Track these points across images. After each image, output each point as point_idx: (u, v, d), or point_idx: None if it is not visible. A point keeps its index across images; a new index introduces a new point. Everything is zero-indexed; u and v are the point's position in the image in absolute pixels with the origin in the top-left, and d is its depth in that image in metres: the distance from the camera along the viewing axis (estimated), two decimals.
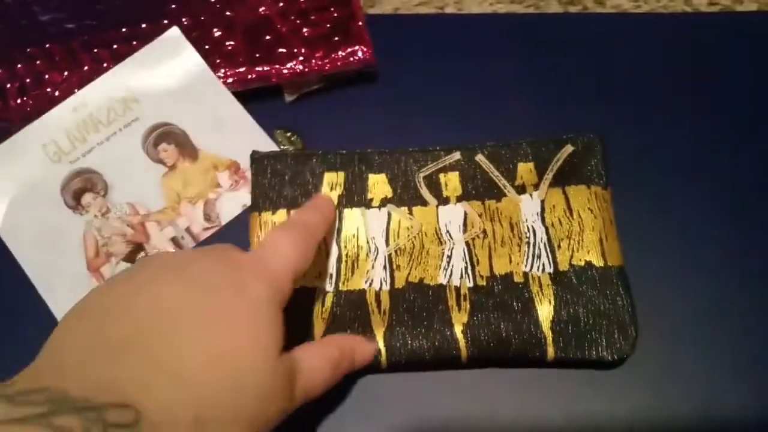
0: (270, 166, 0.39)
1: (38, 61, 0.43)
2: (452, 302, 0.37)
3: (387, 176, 0.39)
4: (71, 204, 0.41)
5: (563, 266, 0.37)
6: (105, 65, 0.43)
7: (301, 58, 0.43)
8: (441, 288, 0.37)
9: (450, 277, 0.37)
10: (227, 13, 0.44)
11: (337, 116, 0.44)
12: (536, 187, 0.39)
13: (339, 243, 0.38)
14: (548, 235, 0.38)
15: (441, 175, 0.39)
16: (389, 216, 0.39)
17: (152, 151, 0.42)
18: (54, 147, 0.42)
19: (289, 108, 0.44)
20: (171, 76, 0.43)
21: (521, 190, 0.39)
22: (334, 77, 0.44)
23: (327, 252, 0.38)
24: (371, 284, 0.37)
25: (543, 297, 0.36)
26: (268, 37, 0.43)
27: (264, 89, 0.43)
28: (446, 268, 0.37)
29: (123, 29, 0.44)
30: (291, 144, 0.42)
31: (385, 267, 0.38)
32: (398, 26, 0.46)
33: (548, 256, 0.37)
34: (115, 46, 0.43)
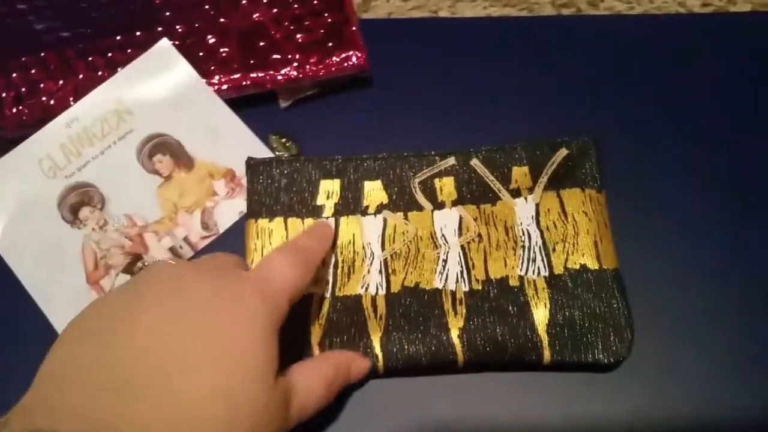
0: (266, 173, 0.40)
1: (33, 70, 0.43)
2: (448, 306, 0.37)
3: (383, 182, 0.39)
4: (69, 218, 0.41)
5: (558, 269, 0.37)
6: (100, 73, 0.43)
7: (296, 64, 0.43)
8: (437, 292, 0.37)
9: (446, 282, 0.37)
10: (221, 20, 0.44)
11: (332, 121, 0.44)
12: (531, 191, 0.39)
13: (335, 250, 0.38)
14: (543, 239, 0.38)
15: (436, 180, 0.39)
16: (385, 222, 0.39)
17: (147, 163, 0.42)
18: (49, 162, 0.42)
19: (284, 114, 0.44)
20: (163, 87, 0.43)
21: (516, 194, 0.39)
22: (329, 83, 0.44)
23: (323, 259, 0.38)
24: (367, 289, 0.38)
25: (538, 300, 0.36)
26: (263, 44, 0.43)
27: (259, 95, 0.43)
28: (442, 273, 0.38)
29: (117, 37, 0.44)
30: (286, 149, 0.42)
31: (381, 272, 0.38)
32: (392, 31, 0.46)
33: (543, 260, 0.37)
34: (110, 54, 0.43)
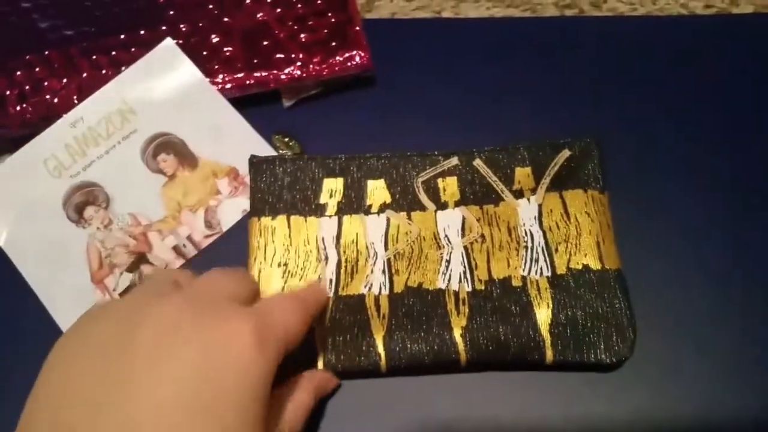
0: (269, 171, 0.40)
1: (37, 68, 0.43)
2: (451, 306, 0.37)
3: (386, 181, 0.40)
4: (74, 218, 0.41)
5: (561, 270, 0.37)
6: (104, 72, 0.43)
7: (299, 64, 0.43)
8: (440, 292, 0.37)
9: (449, 282, 0.37)
10: (225, 19, 0.44)
11: (335, 121, 0.44)
12: (533, 192, 0.39)
13: (338, 249, 0.38)
14: (546, 239, 0.38)
15: (439, 180, 0.40)
16: (388, 221, 0.39)
17: (151, 162, 0.42)
18: (54, 162, 0.42)
19: (288, 113, 0.44)
20: (167, 87, 0.43)
21: (519, 195, 0.39)
22: (332, 82, 0.44)
23: (326, 258, 0.38)
24: (370, 289, 0.38)
25: (541, 300, 0.36)
26: (266, 43, 0.43)
27: (262, 95, 0.43)
28: (445, 273, 0.38)
29: (121, 36, 0.44)
30: (289, 149, 0.42)
31: (384, 272, 0.38)
32: (395, 31, 0.46)
33: (546, 260, 0.37)
34: (114, 53, 0.44)
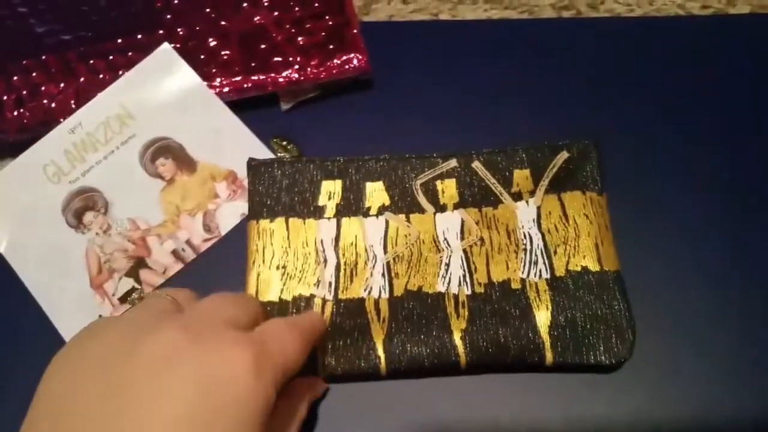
0: (267, 173, 0.40)
1: (34, 73, 0.43)
2: (451, 309, 0.37)
3: (384, 184, 0.40)
4: (73, 223, 0.41)
5: (560, 272, 0.37)
6: (101, 76, 0.43)
7: (297, 67, 0.43)
8: (439, 296, 0.37)
9: (448, 285, 0.37)
10: (222, 23, 0.44)
11: (333, 124, 0.44)
12: (532, 194, 0.39)
13: (337, 251, 0.38)
14: (545, 242, 0.38)
15: (438, 182, 0.40)
16: (387, 224, 0.39)
17: (150, 167, 0.42)
18: (54, 168, 0.42)
19: (285, 116, 0.44)
20: (165, 91, 0.43)
21: (517, 197, 0.39)
22: (330, 85, 0.44)
23: (325, 260, 0.38)
24: (370, 292, 0.38)
25: (540, 303, 0.36)
26: (264, 46, 0.43)
27: (260, 98, 0.43)
28: (444, 276, 0.38)
29: (119, 40, 0.44)
30: (287, 152, 0.42)
31: (384, 275, 0.38)
32: (393, 33, 0.46)
33: (545, 263, 0.37)
34: (111, 57, 0.44)
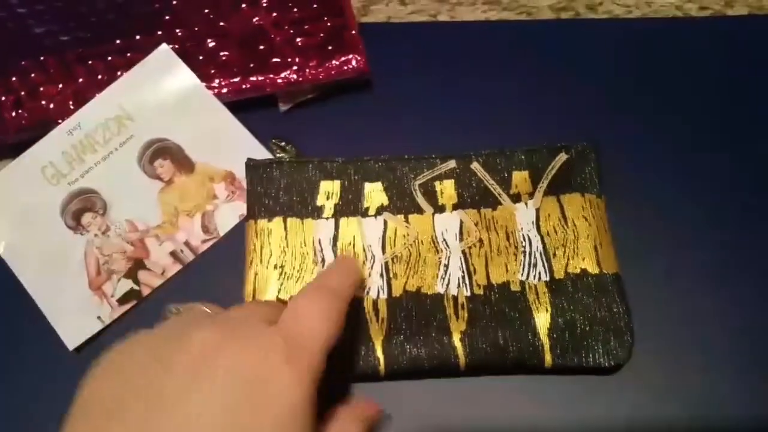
0: (265, 174, 0.40)
1: (33, 74, 0.43)
2: (450, 311, 0.37)
3: (383, 184, 0.40)
4: (72, 225, 0.41)
5: (559, 274, 0.37)
6: (100, 77, 0.43)
7: (295, 68, 0.43)
8: (438, 297, 0.37)
9: (447, 286, 0.37)
10: (221, 24, 0.44)
11: (332, 125, 0.44)
12: (531, 196, 0.39)
13: (335, 251, 0.38)
14: (544, 244, 0.38)
15: (436, 183, 0.40)
16: (385, 224, 0.39)
17: (148, 168, 0.42)
18: (52, 170, 0.42)
19: (284, 117, 0.44)
20: (163, 92, 0.43)
21: (516, 199, 0.39)
22: (329, 86, 0.44)
23: (323, 260, 0.38)
24: (368, 293, 0.38)
25: (540, 305, 0.36)
26: (262, 47, 0.43)
27: (258, 99, 0.43)
28: (443, 277, 0.38)
29: (117, 41, 0.44)
30: (286, 153, 0.42)
31: (382, 275, 0.38)
32: (391, 35, 0.46)
33: (544, 265, 0.37)
34: (110, 58, 0.43)
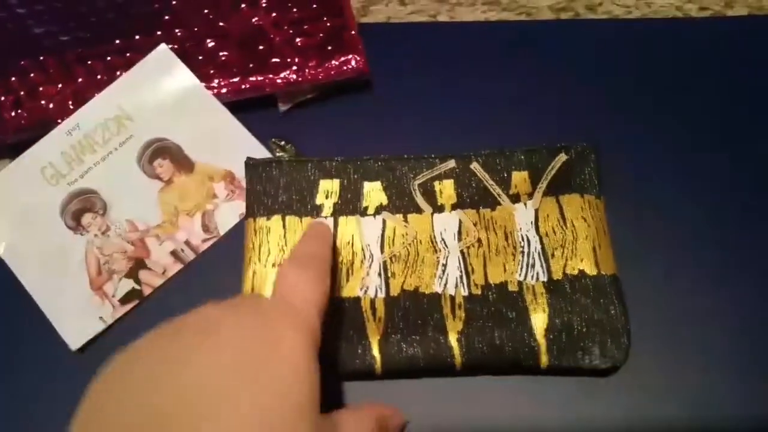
0: (265, 173, 0.40)
1: (32, 74, 0.43)
2: (447, 311, 0.37)
3: (382, 184, 0.40)
4: (71, 225, 0.41)
5: (557, 275, 0.37)
6: (99, 77, 0.43)
7: (295, 68, 0.43)
8: (436, 296, 0.37)
9: (445, 286, 0.38)
10: (220, 24, 0.44)
11: (331, 125, 0.44)
12: (530, 196, 0.39)
13: (334, 250, 0.38)
14: (542, 244, 0.38)
15: (436, 183, 0.40)
16: (384, 224, 0.39)
17: (148, 168, 0.42)
18: (52, 170, 0.42)
19: (283, 118, 0.44)
20: (162, 92, 0.43)
21: (515, 199, 0.39)
22: (328, 86, 0.44)
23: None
24: (366, 292, 0.38)
25: (537, 306, 0.37)
26: (262, 47, 0.43)
27: (258, 99, 0.43)
28: (441, 277, 0.38)
29: (117, 41, 0.44)
30: (285, 153, 0.42)
31: (380, 274, 0.38)
32: (391, 35, 0.46)
33: (542, 265, 0.37)
34: (109, 58, 0.44)
